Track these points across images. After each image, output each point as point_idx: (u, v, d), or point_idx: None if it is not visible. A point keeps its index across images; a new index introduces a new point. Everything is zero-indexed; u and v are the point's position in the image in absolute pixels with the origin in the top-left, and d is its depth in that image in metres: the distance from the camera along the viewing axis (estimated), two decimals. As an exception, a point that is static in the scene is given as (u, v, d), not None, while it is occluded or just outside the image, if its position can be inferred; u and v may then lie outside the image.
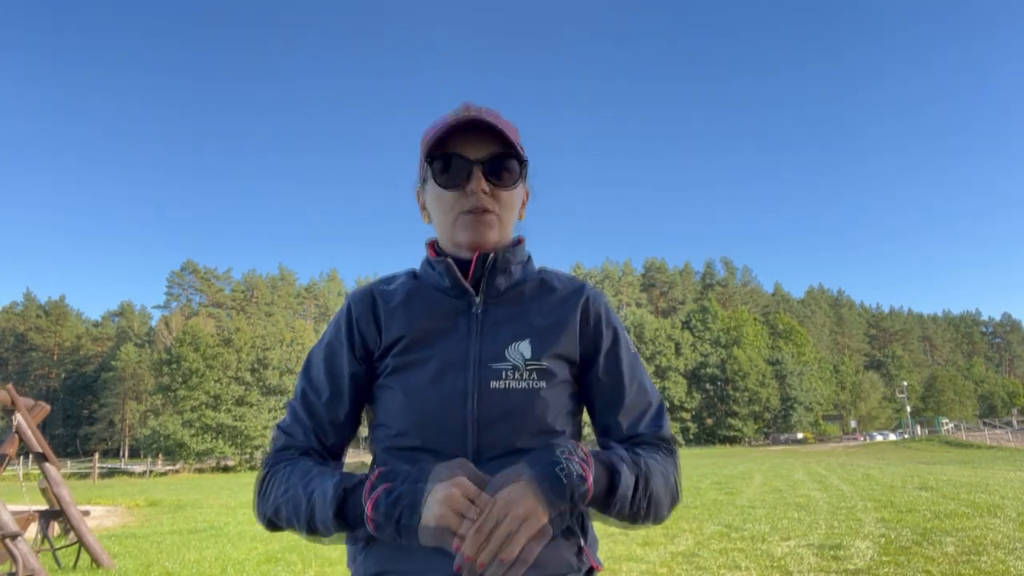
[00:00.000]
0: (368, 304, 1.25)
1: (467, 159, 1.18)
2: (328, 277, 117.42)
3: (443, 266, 1.22)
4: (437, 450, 1.12)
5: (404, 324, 1.21)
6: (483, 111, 1.22)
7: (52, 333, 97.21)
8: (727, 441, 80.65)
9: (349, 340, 1.23)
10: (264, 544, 10.01)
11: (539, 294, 1.25)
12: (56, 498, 8.63)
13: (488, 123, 1.17)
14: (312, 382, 1.24)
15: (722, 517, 11.02)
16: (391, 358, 1.20)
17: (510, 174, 1.21)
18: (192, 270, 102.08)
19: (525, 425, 1.13)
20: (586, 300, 1.25)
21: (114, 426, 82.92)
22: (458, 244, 1.23)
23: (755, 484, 18.42)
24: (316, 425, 1.22)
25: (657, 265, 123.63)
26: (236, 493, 24.71)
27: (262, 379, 66.20)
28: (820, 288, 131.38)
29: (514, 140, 1.20)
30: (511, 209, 1.24)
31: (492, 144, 1.19)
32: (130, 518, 16.34)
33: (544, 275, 1.29)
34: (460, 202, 1.19)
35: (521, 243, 1.29)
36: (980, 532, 8.23)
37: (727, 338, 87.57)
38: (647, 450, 1.18)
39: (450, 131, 1.18)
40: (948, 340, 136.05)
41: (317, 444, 1.23)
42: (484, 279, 1.21)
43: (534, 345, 1.17)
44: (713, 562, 7.17)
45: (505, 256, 1.23)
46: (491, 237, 1.20)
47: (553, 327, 1.20)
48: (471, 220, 1.19)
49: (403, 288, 1.26)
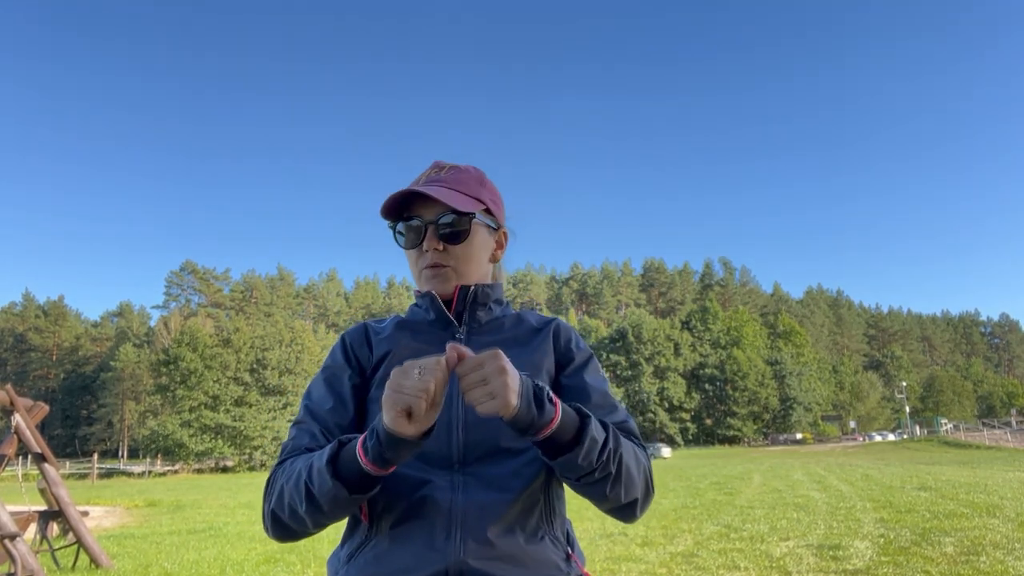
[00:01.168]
0: (361, 334, 1.36)
1: (420, 221, 1.30)
2: (327, 277, 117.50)
3: (428, 299, 1.33)
4: (424, 450, 1.11)
5: (391, 343, 1.31)
6: (444, 170, 1.35)
7: (51, 333, 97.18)
8: (726, 441, 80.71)
9: (346, 360, 1.32)
10: (263, 545, 10.01)
11: (516, 325, 1.37)
12: (55, 498, 8.63)
13: (426, 194, 1.27)
14: (313, 398, 1.29)
15: (721, 517, 11.03)
16: (381, 370, 1.28)
17: (458, 231, 1.30)
18: (191, 270, 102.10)
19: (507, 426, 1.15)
20: (557, 326, 1.37)
21: (113, 426, 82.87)
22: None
23: (754, 484, 18.43)
24: (321, 427, 1.25)
25: (656, 265, 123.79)
26: (235, 494, 24.71)
27: (261, 379, 66.15)
28: (819, 288, 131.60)
29: (461, 199, 1.29)
30: (469, 260, 1.33)
31: (441, 205, 1.28)
32: (129, 518, 16.34)
33: (521, 313, 1.42)
34: (420, 259, 1.32)
35: (498, 284, 1.41)
36: (979, 532, 8.23)
37: (726, 338, 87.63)
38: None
39: (396, 204, 1.30)
40: (947, 340, 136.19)
41: (326, 444, 1.23)
42: (466, 312, 1.33)
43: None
44: (712, 562, 7.17)
45: (484, 291, 1.34)
46: (449, 288, 1.31)
47: (530, 347, 1.32)
48: (429, 275, 1.31)
49: (392, 322, 1.38)
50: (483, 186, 1.38)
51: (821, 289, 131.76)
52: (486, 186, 1.39)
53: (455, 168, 1.37)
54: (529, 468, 1.17)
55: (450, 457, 1.17)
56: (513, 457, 1.18)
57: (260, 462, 61.08)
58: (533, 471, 1.18)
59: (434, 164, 1.39)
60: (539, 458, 1.14)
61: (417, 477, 1.16)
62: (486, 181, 1.40)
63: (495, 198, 1.40)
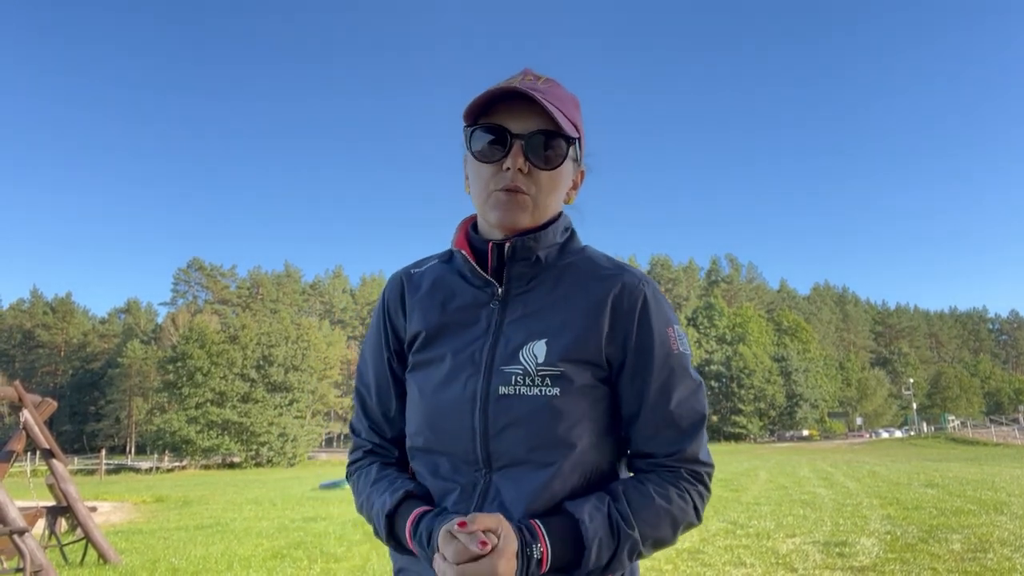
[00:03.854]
0: (398, 292, 1.24)
1: (507, 132, 1.09)
2: (333, 274, 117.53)
3: (461, 256, 1.17)
4: (451, 453, 1.12)
5: (423, 318, 1.18)
6: (540, 80, 1.13)
7: (59, 330, 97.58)
8: (732, 438, 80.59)
9: (384, 334, 1.25)
10: (270, 540, 10.05)
11: (569, 283, 1.15)
12: (63, 494, 8.67)
13: (532, 96, 1.06)
14: (363, 378, 1.28)
15: (727, 514, 11.03)
16: (412, 355, 1.20)
17: (553, 154, 1.10)
18: (198, 267, 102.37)
19: (534, 436, 1.07)
20: (620, 292, 1.12)
21: (120, 423, 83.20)
22: (489, 223, 1.15)
23: (760, 481, 18.39)
24: (372, 423, 1.26)
25: (661, 261, 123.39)
26: (242, 490, 24.80)
27: (267, 376, 66.39)
28: (826, 285, 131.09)
29: (563, 117, 1.09)
30: (551, 192, 1.13)
31: (538, 119, 1.09)
32: (137, 514, 16.42)
33: (581, 259, 1.18)
34: (496, 178, 1.10)
35: (555, 222, 1.18)
36: (986, 529, 8.20)
37: (732, 335, 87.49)
38: (656, 481, 1.10)
39: (492, 100, 1.09)
40: (954, 337, 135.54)
41: (378, 439, 1.26)
42: (506, 269, 1.14)
43: (551, 346, 1.09)
44: (718, 559, 7.17)
45: (526, 244, 1.13)
46: (523, 220, 1.11)
47: (576, 325, 1.10)
48: (503, 199, 1.10)
49: (431, 274, 1.23)
50: (578, 111, 1.17)
51: (828, 285, 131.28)
52: (579, 112, 1.18)
53: (552, 81, 1.15)
54: (556, 481, 1.08)
55: (476, 463, 1.10)
56: (539, 469, 1.08)
57: (267, 458, 61.33)
58: (560, 484, 1.08)
59: (525, 71, 1.16)
60: (563, 471, 1.07)
61: (440, 487, 1.13)
62: (579, 107, 1.19)
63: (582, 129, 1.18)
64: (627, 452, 1.17)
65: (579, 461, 1.08)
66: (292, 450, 62.34)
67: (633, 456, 1.16)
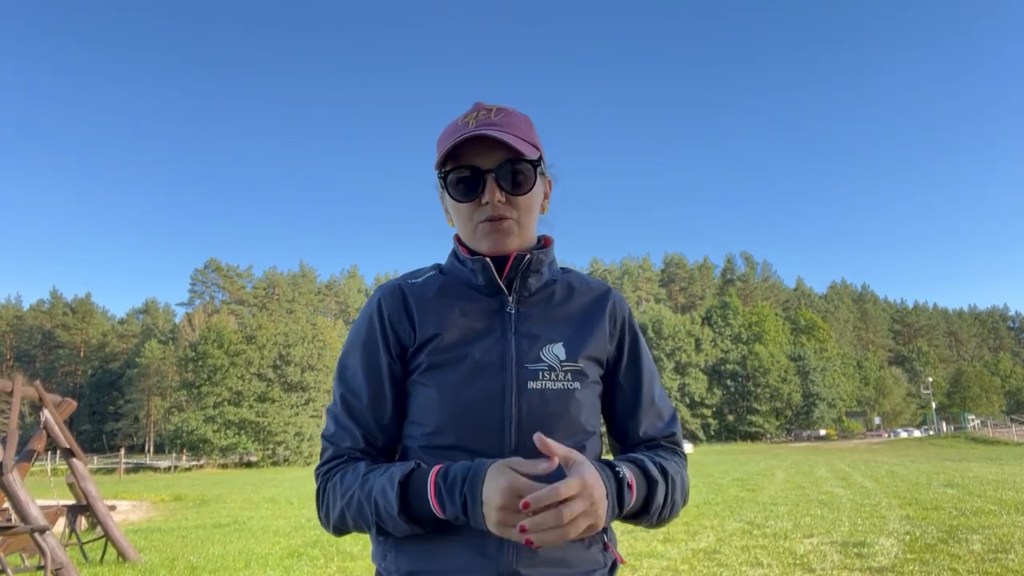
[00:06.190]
0: (399, 300, 1.22)
1: (479, 170, 1.16)
2: (348, 274, 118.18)
3: (479, 264, 1.20)
4: (473, 449, 1.11)
5: (438, 321, 1.19)
6: (492, 112, 1.21)
7: (78, 330, 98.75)
8: (748, 437, 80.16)
9: (383, 338, 1.21)
10: (287, 539, 10.12)
11: (568, 296, 1.27)
12: (83, 493, 8.78)
13: (491, 136, 1.14)
14: (350, 385, 1.21)
15: (744, 514, 10.96)
16: (425, 356, 1.18)
17: (524, 178, 1.18)
18: (215, 268, 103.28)
19: (561, 425, 1.15)
20: (613, 304, 1.29)
21: (139, 422, 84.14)
22: (481, 251, 1.22)
23: (777, 481, 18.30)
24: (363, 430, 1.19)
25: (676, 260, 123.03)
26: (259, 488, 24.99)
27: (284, 376, 66.81)
28: (843, 283, 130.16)
29: (523, 143, 1.18)
30: (529, 212, 1.22)
31: (502, 151, 1.16)
32: (155, 513, 16.61)
33: (570, 277, 1.31)
34: (478, 212, 1.19)
35: (549, 244, 1.29)
36: (1007, 530, 8.11)
37: (748, 334, 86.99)
38: (664, 455, 1.24)
39: (455, 147, 1.16)
40: (974, 335, 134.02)
41: (368, 447, 1.20)
42: (517, 279, 1.22)
43: (568, 347, 1.20)
44: (735, 559, 7.13)
45: (539, 257, 1.23)
46: (511, 244, 1.20)
47: (584, 329, 1.24)
48: (489, 229, 1.18)
49: (433, 283, 1.25)
50: (532, 129, 1.26)
51: (845, 284, 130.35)
52: (534, 130, 1.27)
53: (503, 111, 1.23)
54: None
55: (502, 455, 1.08)
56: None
57: (283, 457, 61.75)
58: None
59: (476, 105, 1.24)
60: (586, 456, 1.08)
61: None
62: (533, 124, 1.27)
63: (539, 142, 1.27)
64: (621, 438, 1.31)
65: (593, 445, 1.21)
66: (308, 449, 62.67)
67: (632, 442, 1.28)
